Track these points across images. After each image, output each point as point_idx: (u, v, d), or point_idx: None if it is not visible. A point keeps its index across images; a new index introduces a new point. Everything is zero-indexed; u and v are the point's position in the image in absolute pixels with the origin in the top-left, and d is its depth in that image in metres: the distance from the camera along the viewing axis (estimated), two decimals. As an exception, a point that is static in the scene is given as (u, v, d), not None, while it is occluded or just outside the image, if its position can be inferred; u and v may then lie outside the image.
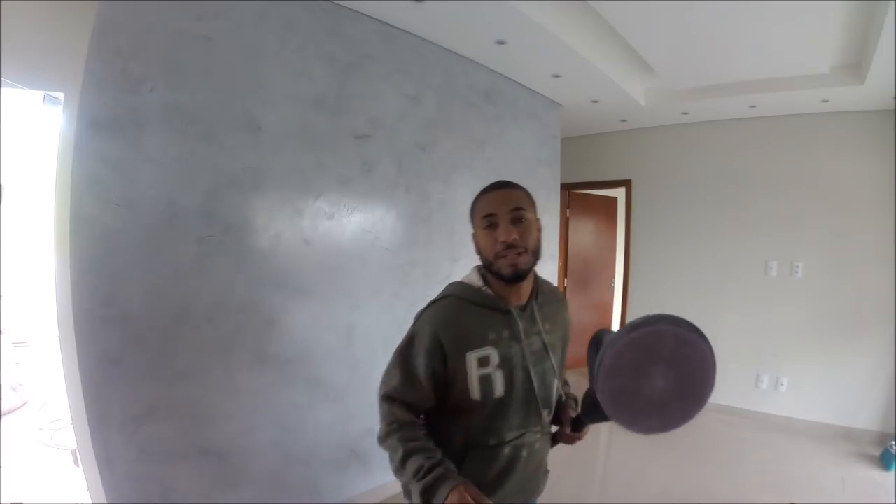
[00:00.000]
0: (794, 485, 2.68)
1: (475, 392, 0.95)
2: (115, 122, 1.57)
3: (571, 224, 4.78)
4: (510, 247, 0.95)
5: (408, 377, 0.97)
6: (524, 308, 1.03)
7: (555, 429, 1.10)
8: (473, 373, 0.95)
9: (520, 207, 0.98)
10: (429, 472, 0.87)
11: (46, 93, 1.83)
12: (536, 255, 1.00)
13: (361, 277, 2.32)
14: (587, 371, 0.96)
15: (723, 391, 3.55)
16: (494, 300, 1.00)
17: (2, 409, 3.20)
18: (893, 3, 1.98)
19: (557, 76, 3.08)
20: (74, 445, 2.03)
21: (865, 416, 3.35)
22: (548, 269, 3.63)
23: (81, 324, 1.53)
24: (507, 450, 0.99)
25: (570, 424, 1.06)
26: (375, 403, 1.00)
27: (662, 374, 0.85)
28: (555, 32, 2.41)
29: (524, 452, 1.01)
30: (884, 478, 2.76)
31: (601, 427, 1.16)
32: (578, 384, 1.06)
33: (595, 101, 3.60)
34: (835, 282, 3.50)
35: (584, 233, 4.99)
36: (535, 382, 1.00)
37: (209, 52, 1.78)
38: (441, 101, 2.70)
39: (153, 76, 1.64)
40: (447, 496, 0.83)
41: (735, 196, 3.90)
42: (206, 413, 1.81)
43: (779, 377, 3.71)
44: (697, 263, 4.09)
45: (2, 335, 3.60)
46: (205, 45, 1.77)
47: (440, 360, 0.95)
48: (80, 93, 1.51)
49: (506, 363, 0.97)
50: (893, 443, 2.88)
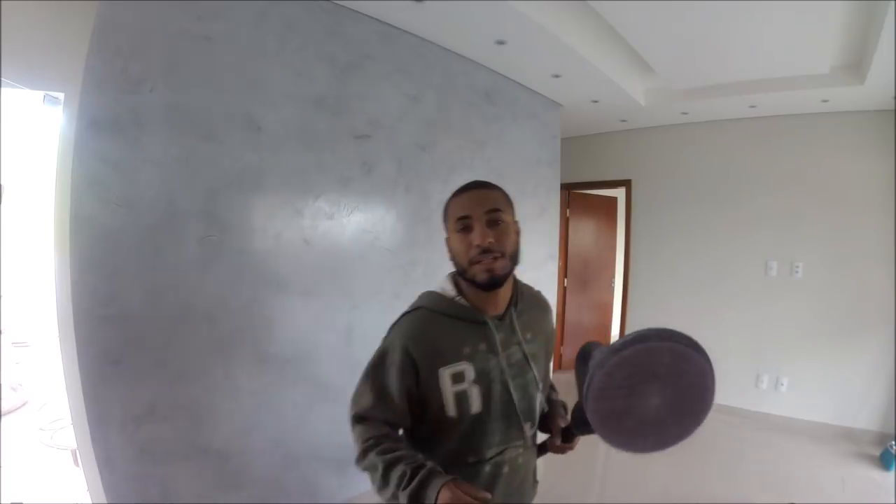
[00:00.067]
0: (794, 485, 2.68)
1: (451, 409, 0.90)
2: (115, 122, 1.57)
3: (571, 224, 4.78)
4: (486, 251, 0.89)
5: (380, 395, 0.92)
6: (502, 317, 0.97)
7: (545, 437, 1.06)
8: (448, 389, 0.90)
9: (496, 209, 0.92)
10: (413, 477, 0.81)
11: (46, 93, 1.83)
12: (515, 260, 0.94)
13: (361, 277, 2.32)
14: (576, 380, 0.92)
15: (723, 391, 3.50)
16: (469, 311, 0.94)
17: (2, 409, 3.20)
18: (893, 4, 1.98)
19: (557, 76, 3.07)
20: (74, 445, 2.03)
21: (865, 416, 3.35)
22: (548, 269, 3.63)
23: (81, 324, 1.53)
24: (488, 467, 0.94)
25: (560, 435, 1.01)
26: None
27: (657, 393, 0.81)
28: (555, 32, 2.41)
29: (506, 469, 0.96)
30: (884, 478, 2.76)
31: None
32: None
33: (595, 101, 3.60)
34: (835, 282, 3.50)
35: (584, 233, 4.98)
36: (516, 396, 0.95)
37: (209, 52, 1.78)
38: (441, 101, 2.70)
39: (153, 76, 1.64)
40: (437, 496, 0.77)
41: (735, 196, 3.90)
42: (206, 413, 1.81)
43: (779, 377, 3.71)
44: (697, 263, 4.09)
45: (2, 335, 3.60)
46: (205, 45, 1.77)
47: (413, 377, 0.91)
48: (80, 93, 1.51)
49: (482, 378, 0.92)
50: (893, 443, 2.88)
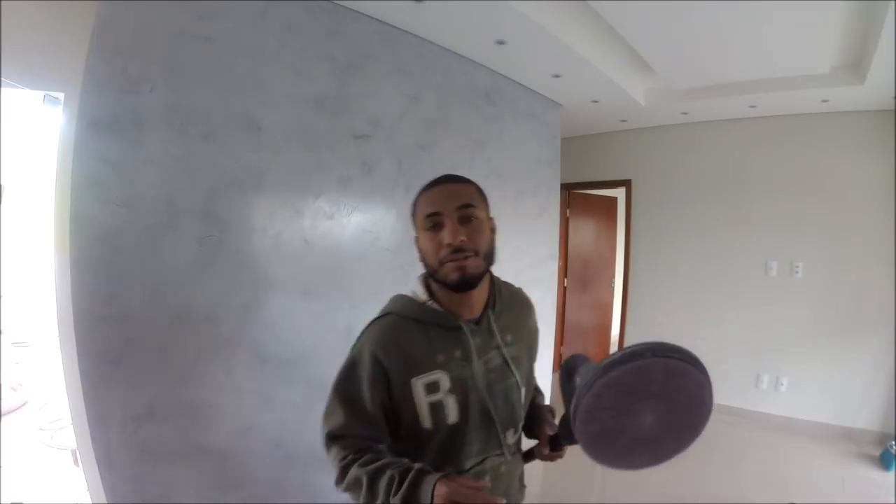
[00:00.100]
0: (794, 485, 2.68)
1: (426, 421, 0.85)
2: (115, 122, 1.57)
3: (571, 224, 4.78)
4: (458, 250, 0.83)
5: (353, 410, 0.86)
6: (479, 321, 0.91)
7: (532, 442, 1.01)
8: (422, 400, 0.85)
9: (468, 204, 0.86)
10: (402, 481, 0.75)
11: (46, 93, 1.83)
12: (489, 260, 0.89)
13: (361, 277, 2.32)
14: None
15: (723, 391, 3.53)
16: (442, 316, 0.88)
17: (2, 409, 3.21)
18: (893, 4, 1.98)
19: (557, 76, 3.07)
20: (74, 445, 2.03)
21: (865, 416, 3.35)
22: (548, 269, 3.63)
23: (81, 324, 1.53)
24: None
25: (548, 444, 0.95)
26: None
27: (651, 410, 0.76)
28: (555, 32, 2.41)
29: (487, 479, 0.91)
30: (884, 478, 2.76)
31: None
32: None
33: (595, 101, 3.60)
34: (835, 281, 3.50)
35: (584, 233, 4.99)
36: (497, 403, 0.90)
37: (209, 52, 1.78)
38: (441, 101, 2.70)
39: (153, 76, 1.64)
40: (433, 493, 0.72)
41: (735, 196, 3.90)
42: (206, 413, 1.81)
43: (779, 377, 3.71)
44: (697, 263, 4.09)
45: (2, 335, 3.61)
46: (205, 45, 1.76)
47: (385, 388, 0.85)
48: (80, 93, 1.50)
49: (458, 386, 0.86)
50: (893, 443, 2.88)
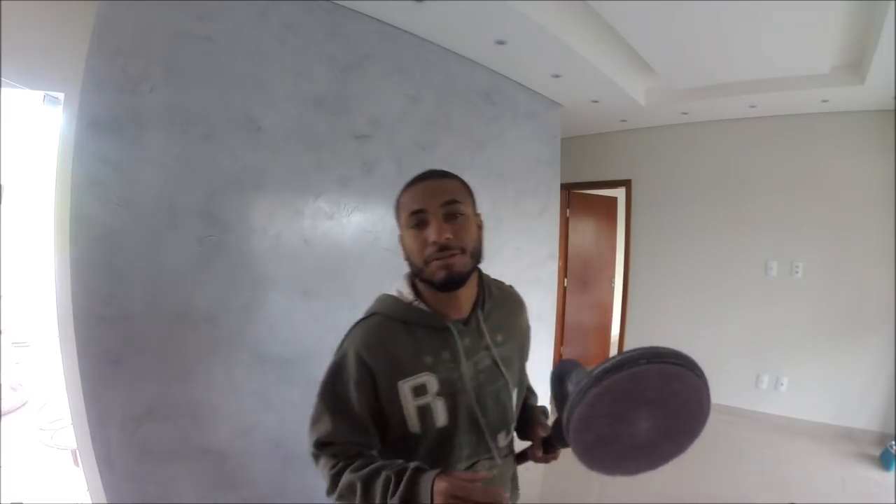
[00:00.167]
0: (794, 485, 2.68)
1: (413, 425, 0.83)
2: (115, 122, 1.57)
3: (571, 224, 4.78)
4: (443, 248, 0.81)
5: (341, 416, 0.84)
6: (467, 321, 0.89)
7: (525, 443, 0.99)
8: (409, 403, 0.83)
9: (454, 200, 0.83)
10: (399, 481, 0.73)
11: (46, 93, 1.83)
12: (477, 257, 0.87)
13: (361, 277, 2.32)
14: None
15: (723, 391, 3.55)
16: (428, 316, 0.86)
17: (2, 409, 3.21)
18: (893, 4, 1.98)
19: (557, 76, 3.07)
20: (74, 445, 2.03)
21: (865, 416, 3.35)
22: (548, 269, 3.63)
23: (81, 324, 1.53)
24: None
25: (542, 447, 0.94)
26: None
27: (647, 417, 0.75)
28: (555, 32, 2.41)
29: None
30: (884, 478, 2.76)
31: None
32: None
33: (595, 101, 3.60)
34: (835, 282, 3.50)
35: (584, 233, 4.99)
36: (488, 405, 0.88)
37: (209, 52, 1.78)
38: (441, 101, 2.70)
39: (153, 76, 1.64)
40: (431, 490, 0.70)
41: (735, 196, 3.90)
42: (206, 413, 1.81)
43: (779, 377, 3.71)
44: (697, 263, 4.09)
45: (2, 335, 3.61)
46: (205, 45, 1.76)
47: (371, 391, 0.83)
48: (80, 93, 1.50)
49: (447, 389, 0.84)
50: (893, 443, 2.88)
